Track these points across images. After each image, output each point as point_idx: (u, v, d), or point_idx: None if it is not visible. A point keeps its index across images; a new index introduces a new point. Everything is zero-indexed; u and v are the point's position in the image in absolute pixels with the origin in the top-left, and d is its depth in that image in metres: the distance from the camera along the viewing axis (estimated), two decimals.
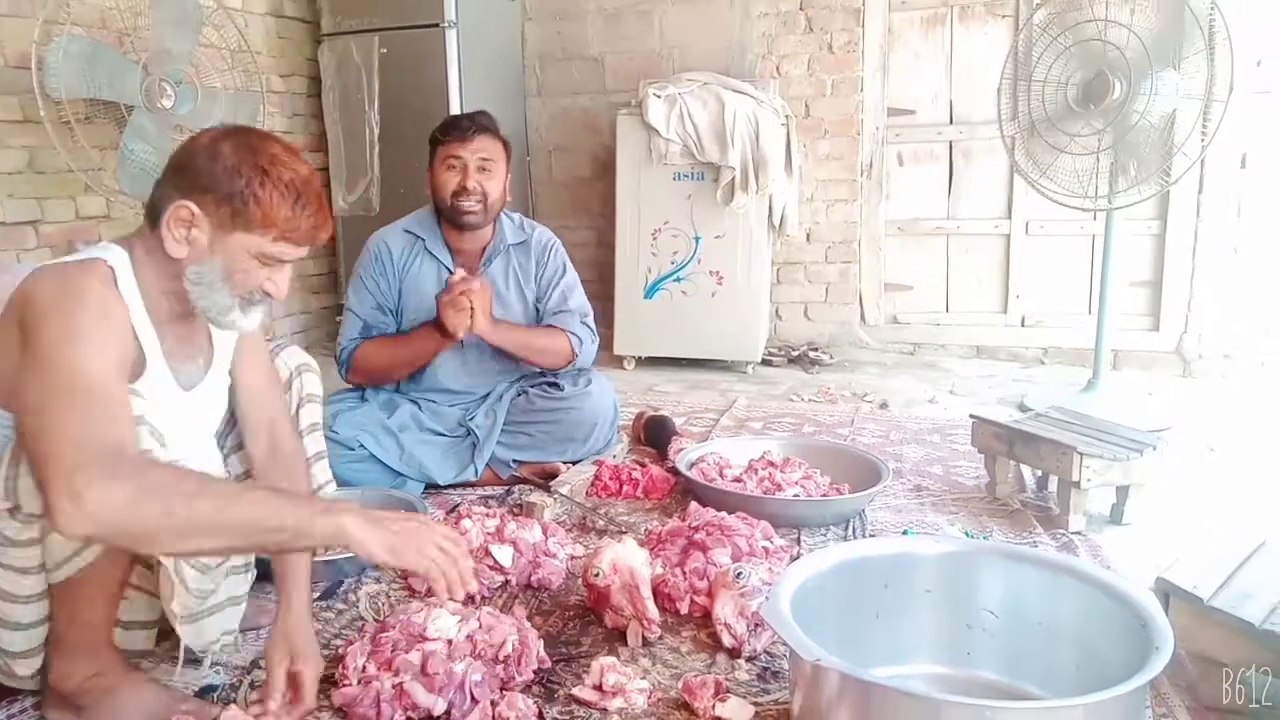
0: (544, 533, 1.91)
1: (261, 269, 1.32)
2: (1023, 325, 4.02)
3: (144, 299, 1.32)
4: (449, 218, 2.38)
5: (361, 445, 2.25)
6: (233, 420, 1.62)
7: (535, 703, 1.35)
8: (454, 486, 2.36)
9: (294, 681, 1.35)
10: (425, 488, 2.32)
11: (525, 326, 2.46)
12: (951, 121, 4.00)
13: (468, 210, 2.34)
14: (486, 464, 2.38)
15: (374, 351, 2.38)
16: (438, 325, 2.25)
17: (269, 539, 1.15)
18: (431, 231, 2.44)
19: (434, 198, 2.40)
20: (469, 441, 2.39)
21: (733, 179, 3.63)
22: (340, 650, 1.46)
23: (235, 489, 1.27)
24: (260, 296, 1.35)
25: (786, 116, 3.84)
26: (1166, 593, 1.44)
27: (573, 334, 2.47)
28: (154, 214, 1.30)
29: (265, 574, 1.83)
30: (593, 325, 2.56)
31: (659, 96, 3.69)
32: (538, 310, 2.51)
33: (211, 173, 1.26)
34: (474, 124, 2.34)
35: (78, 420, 1.10)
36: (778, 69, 4.09)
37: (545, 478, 2.36)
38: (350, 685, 1.35)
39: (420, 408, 2.42)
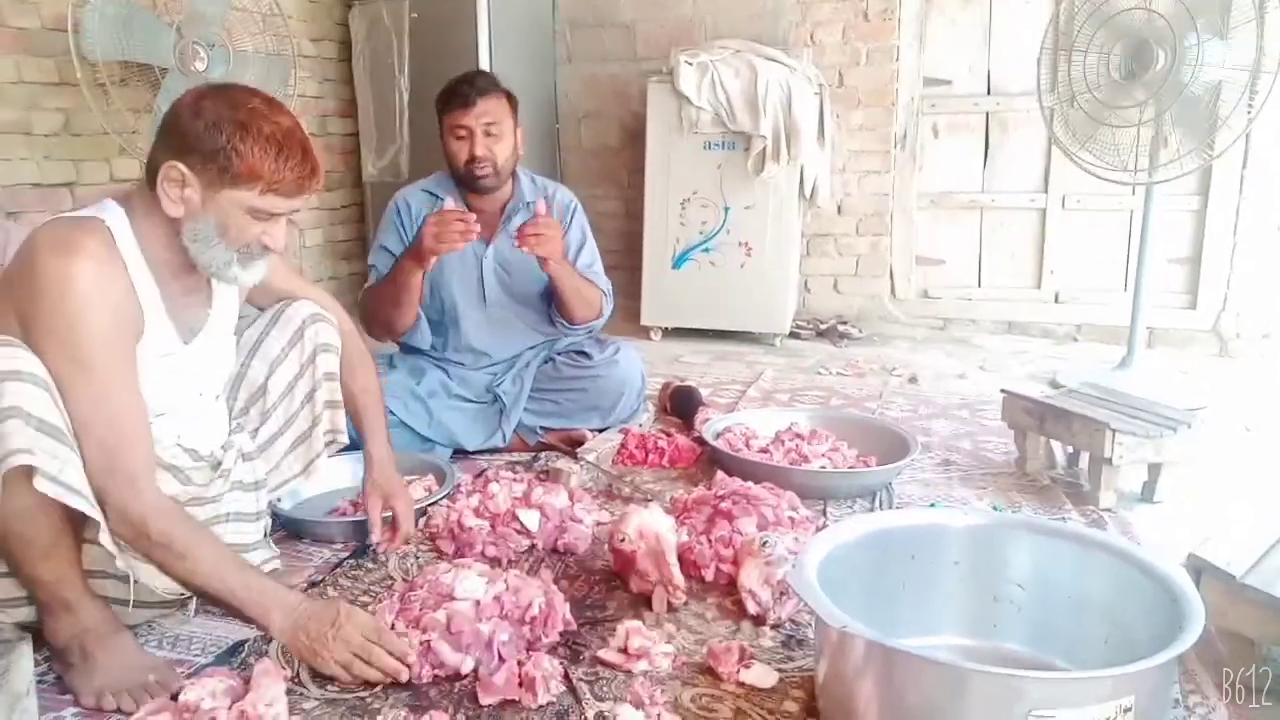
0: (570, 498, 1.92)
1: (255, 223, 1.37)
2: (1056, 301, 3.96)
3: (145, 256, 1.38)
4: (465, 184, 2.39)
5: (391, 412, 2.24)
6: (236, 382, 1.68)
7: (561, 663, 1.36)
8: (481, 452, 2.38)
9: (392, 520, 1.77)
10: (453, 453, 2.34)
11: (577, 272, 2.43)
12: (989, 92, 3.92)
13: (481, 175, 2.34)
14: (514, 430, 2.39)
15: (371, 296, 2.39)
16: (414, 250, 2.20)
17: (219, 603, 1.35)
18: (451, 192, 2.43)
19: (448, 165, 2.41)
20: (497, 408, 2.40)
21: (764, 149, 3.59)
22: (369, 608, 1.48)
23: (210, 558, 1.33)
24: (259, 250, 1.41)
25: (820, 85, 3.79)
26: (1198, 569, 1.42)
27: (605, 293, 2.50)
28: (151, 174, 1.36)
29: (297, 534, 1.87)
30: (610, 296, 2.57)
31: (690, 64, 3.65)
32: None
33: (195, 132, 1.30)
34: (474, 88, 2.30)
35: (99, 445, 1.27)
36: (811, 37, 4.03)
37: (572, 445, 2.37)
38: None
39: (448, 374, 2.44)
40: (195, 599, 1.50)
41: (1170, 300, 3.73)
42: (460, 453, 2.36)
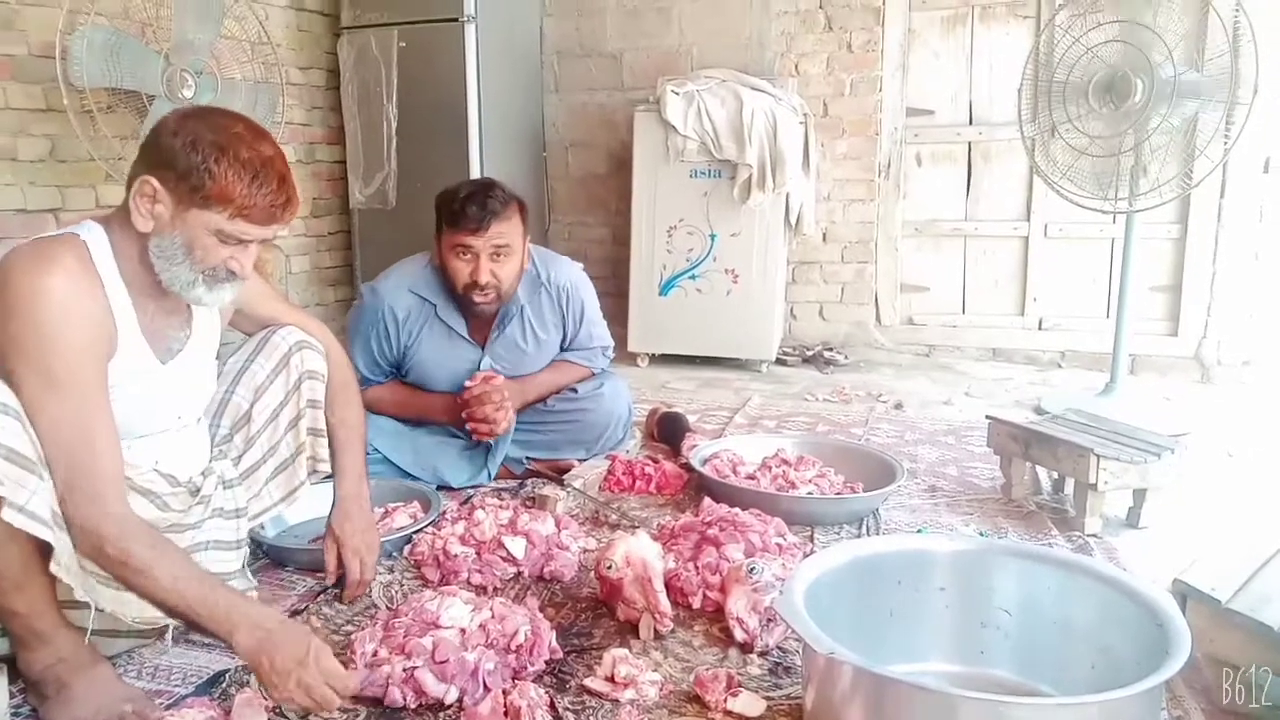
0: (557, 525, 1.92)
1: (223, 247, 1.35)
2: (1040, 328, 3.99)
3: (122, 274, 1.37)
4: (460, 304, 2.28)
5: (375, 449, 2.20)
6: (220, 409, 1.66)
7: (547, 692, 1.35)
8: None
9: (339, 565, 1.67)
10: (438, 485, 2.32)
11: (544, 374, 2.44)
12: (971, 122, 3.98)
13: (479, 302, 2.22)
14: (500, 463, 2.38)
15: (383, 400, 2.34)
16: (455, 407, 2.26)
17: (185, 620, 1.29)
18: (442, 297, 2.29)
19: (443, 276, 2.26)
20: (482, 446, 2.35)
21: (749, 177, 3.62)
22: (351, 637, 1.46)
23: (168, 573, 1.27)
24: (225, 274, 1.38)
25: (804, 115, 3.83)
26: (1184, 594, 1.43)
27: (597, 366, 2.54)
28: (130, 190, 1.35)
29: (279, 561, 1.86)
30: (610, 354, 2.60)
31: (677, 93, 3.69)
32: (562, 345, 2.50)
33: (172, 148, 1.30)
34: (487, 211, 2.12)
35: (66, 461, 1.25)
36: (796, 67, 4.08)
37: (558, 472, 2.36)
38: (357, 669, 1.34)
39: None
40: (171, 629, 1.47)
41: (1152, 327, 3.77)
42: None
